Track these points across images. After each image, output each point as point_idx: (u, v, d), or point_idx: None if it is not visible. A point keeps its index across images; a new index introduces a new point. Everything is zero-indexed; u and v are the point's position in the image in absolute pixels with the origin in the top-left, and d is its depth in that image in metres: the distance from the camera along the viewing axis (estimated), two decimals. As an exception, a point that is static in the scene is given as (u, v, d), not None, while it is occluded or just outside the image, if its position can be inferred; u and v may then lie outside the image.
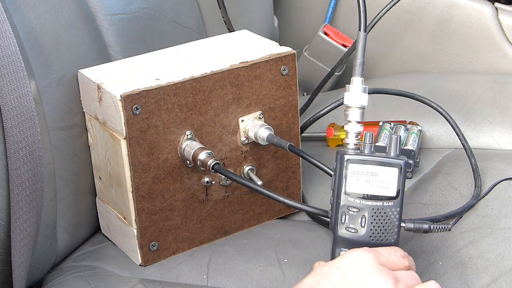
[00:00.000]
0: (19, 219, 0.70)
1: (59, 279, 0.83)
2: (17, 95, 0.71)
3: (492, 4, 1.25)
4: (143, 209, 0.82)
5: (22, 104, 0.71)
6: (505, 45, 1.23)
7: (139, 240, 0.83)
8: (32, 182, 0.71)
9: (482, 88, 1.13)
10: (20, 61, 0.72)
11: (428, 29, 1.27)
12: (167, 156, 0.82)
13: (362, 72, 0.74)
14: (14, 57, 0.71)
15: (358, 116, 0.73)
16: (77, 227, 0.90)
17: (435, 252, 0.82)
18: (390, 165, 0.70)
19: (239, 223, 0.91)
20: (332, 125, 1.10)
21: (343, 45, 1.27)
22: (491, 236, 0.82)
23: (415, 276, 0.68)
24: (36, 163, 0.71)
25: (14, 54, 0.71)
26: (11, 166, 0.68)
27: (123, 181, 0.81)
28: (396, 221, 0.71)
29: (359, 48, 0.74)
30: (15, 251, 0.70)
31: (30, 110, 0.72)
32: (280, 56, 0.85)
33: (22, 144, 0.68)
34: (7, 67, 0.70)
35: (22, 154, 0.69)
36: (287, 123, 0.89)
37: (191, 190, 0.85)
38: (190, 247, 0.88)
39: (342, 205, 0.71)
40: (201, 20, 1.10)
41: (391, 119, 1.07)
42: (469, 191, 0.91)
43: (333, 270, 0.66)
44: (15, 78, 0.71)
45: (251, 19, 1.20)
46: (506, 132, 1.05)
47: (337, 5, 1.35)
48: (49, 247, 0.84)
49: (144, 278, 0.83)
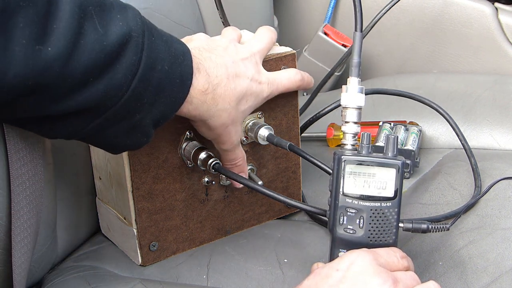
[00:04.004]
0: (20, 219, 0.70)
1: (59, 279, 0.83)
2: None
3: (492, 4, 1.25)
4: (143, 209, 0.82)
5: None
6: (505, 45, 1.23)
7: (139, 240, 0.83)
8: (32, 182, 0.71)
9: (482, 88, 1.13)
10: None
11: (428, 29, 1.27)
12: (167, 156, 0.82)
13: (358, 72, 0.74)
14: None
15: (355, 117, 0.73)
16: (77, 227, 0.91)
17: (435, 252, 0.82)
18: (388, 165, 0.70)
19: (239, 223, 0.91)
20: (332, 125, 1.10)
21: (343, 45, 1.27)
22: (491, 236, 0.82)
23: (414, 276, 0.68)
24: (36, 163, 0.71)
25: None
26: (11, 166, 0.68)
27: (123, 181, 0.81)
28: (394, 222, 0.71)
29: (355, 48, 0.74)
30: (15, 251, 0.70)
31: None
32: (280, 56, 0.86)
33: (22, 144, 0.68)
34: None
35: (23, 154, 0.69)
36: (287, 123, 0.90)
37: (191, 190, 0.85)
38: (190, 247, 0.88)
39: (340, 206, 0.71)
40: (201, 20, 1.10)
41: (391, 119, 1.07)
42: (469, 191, 0.91)
43: (332, 272, 0.66)
44: None
45: (251, 19, 1.20)
46: (506, 132, 1.05)
47: (337, 5, 1.35)
48: (49, 247, 0.84)
49: (144, 278, 0.83)
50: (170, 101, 0.68)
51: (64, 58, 0.57)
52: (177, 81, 0.68)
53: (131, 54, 0.62)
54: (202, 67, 0.72)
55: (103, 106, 0.62)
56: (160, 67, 0.65)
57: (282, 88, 0.83)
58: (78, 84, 0.59)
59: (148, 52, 0.63)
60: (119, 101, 0.63)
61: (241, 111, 0.78)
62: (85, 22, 0.58)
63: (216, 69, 0.73)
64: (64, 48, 0.57)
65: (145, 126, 0.68)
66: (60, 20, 0.57)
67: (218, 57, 0.75)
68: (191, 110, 0.72)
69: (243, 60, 0.78)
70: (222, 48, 0.77)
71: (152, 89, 0.65)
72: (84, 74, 0.59)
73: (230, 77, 0.75)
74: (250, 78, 0.78)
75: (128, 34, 0.61)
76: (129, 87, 0.62)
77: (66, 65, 0.57)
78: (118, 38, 0.60)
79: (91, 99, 0.61)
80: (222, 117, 0.75)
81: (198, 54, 0.73)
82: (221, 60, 0.75)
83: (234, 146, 0.80)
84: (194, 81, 0.70)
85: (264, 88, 0.80)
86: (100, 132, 0.65)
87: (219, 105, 0.74)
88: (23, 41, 0.55)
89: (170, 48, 0.67)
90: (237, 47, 0.79)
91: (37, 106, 0.59)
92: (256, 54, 0.81)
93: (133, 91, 0.63)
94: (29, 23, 0.55)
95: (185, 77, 0.69)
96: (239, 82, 0.76)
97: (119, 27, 0.61)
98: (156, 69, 0.65)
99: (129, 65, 0.62)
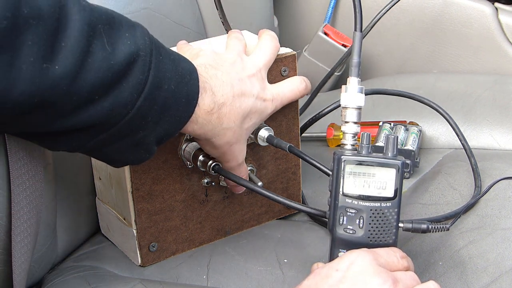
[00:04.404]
0: (20, 219, 0.70)
1: (59, 279, 0.83)
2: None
3: (492, 4, 1.25)
4: (143, 209, 0.82)
5: None
6: (505, 45, 1.23)
7: (139, 241, 0.83)
8: (33, 182, 0.71)
9: (482, 88, 1.13)
10: None
11: (428, 29, 1.27)
12: (167, 157, 0.82)
13: (358, 72, 0.74)
14: None
15: (355, 117, 0.73)
16: (77, 227, 0.91)
17: (435, 252, 0.82)
18: (388, 165, 0.70)
19: (239, 224, 0.91)
20: (332, 125, 1.10)
21: (343, 45, 1.27)
22: (491, 236, 0.82)
23: (414, 276, 0.68)
24: (36, 163, 0.71)
25: None
26: (11, 166, 0.68)
27: (123, 181, 0.81)
28: (394, 222, 0.71)
29: (355, 49, 0.74)
30: (15, 251, 0.70)
31: None
32: (280, 57, 0.85)
33: (22, 144, 0.69)
34: None
35: (23, 154, 0.69)
36: (287, 124, 0.89)
37: (191, 191, 0.85)
38: (190, 248, 0.88)
39: (339, 206, 0.71)
40: (201, 20, 1.10)
41: (391, 119, 1.07)
42: (469, 191, 0.91)
43: (332, 272, 0.66)
44: None
45: (251, 19, 1.20)
46: (506, 132, 1.05)
47: (337, 5, 1.35)
48: (49, 247, 0.85)
49: (144, 278, 0.83)
50: (174, 119, 0.68)
51: (71, 76, 0.57)
52: (182, 101, 0.68)
53: (138, 73, 0.62)
54: (208, 86, 0.72)
55: (107, 123, 0.62)
56: (167, 86, 0.65)
57: (286, 101, 0.84)
58: (84, 102, 0.59)
59: (155, 71, 0.63)
60: (123, 118, 0.62)
61: (245, 129, 0.78)
62: (93, 40, 0.58)
63: (222, 87, 0.73)
64: (72, 66, 0.57)
65: (149, 144, 0.68)
66: (69, 38, 0.56)
67: (224, 74, 0.75)
68: (196, 129, 0.72)
69: (249, 78, 0.78)
70: (229, 64, 0.77)
71: (157, 108, 0.65)
72: (90, 93, 0.59)
73: (235, 95, 0.75)
74: (256, 96, 0.78)
75: (136, 53, 0.61)
76: (134, 105, 0.62)
77: (72, 83, 0.57)
78: (125, 57, 0.60)
79: (96, 117, 0.61)
80: (226, 136, 0.75)
81: (204, 72, 0.72)
82: (227, 78, 0.74)
83: (239, 164, 0.80)
84: (200, 100, 0.70)
85: (269, 105, 0.80)
86: (103, 148, 0.65)
87: (224, 124, 0.74)
88: (30, 59, 0.54)
89: (177, 67, 0.67)
90: (244, 62, 0.79)
91: (42, 122, 0.59)
92: (262, 69, 0.80)
93: (139, 109, 0.63)
94: (37, 40, 0.54)
95: (191, 97, 0.69)
96: (244, 101, 0.76)
97: (127, 46, 0.61)
98: (163, 88, 0.65)
99: (135, 84, 0.62)
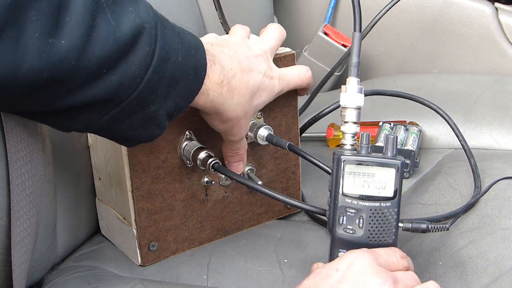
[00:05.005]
0: (19, 219, 0.70)
1: (59, 279, 0.83)
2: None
3: (492, 4, 1.25)
4: (143, 209, 0.82)
5: None
6: (505, 45, 1.23)
7: (139, 240, 0.83)
8: (32, 182, 0.71)
9: (482, 88, 1.13)
10: None
11: (428, 29, 1.27)
12: (167, 156, 0.82)
13: (357, 72, 0.74)
14: None
15: (355, 117, 0.73)
16: (77, 227, 0.91)
17: (435, 252, 0.82)
18: (387, 165, 0.70)
19: (239, 224, 0.91)
20: (332, 125, 1.10)
21: (343, 45, 1.27)
22: (491, 236, 0.82)
23: (414, 276, 0.68)
24: (36, 163, 0.71)
25: None
26: (11, 166, 0.68)
27: (123, 181, 0.81)
28: (394, 222, 0.71)
29: (354, 49, 0.74)
30: (15, 251, 0.70)
31: None
32: (279, 57, 0.85)
33: (22, 144, 0.68)
34: None
35: (22, 154, 0.69)
36: (286, 123, 0.90)
37: (190, 190, 0.85)
38: (190, 247, 0.88)
39: (339, 206, 0.71)
40: (201, 20, 1.10)
41: (391, 119, 1.07)
42: (469, 192, 0.91)
43: (332, 272, 0.66)
44: None
45: (251, 19, 1.19)
46: (506, 132, 1.05)
47: (337, 5, 1.35)
48: (49, 247, 0.85)
49: (144, 278, 0.83)
50: (184, 92, 0.68)
51: (78, 50, 0.57)
52: (191, 72, 0.68)
53: (145, 45, 0.62)
54: (217, 60, 0.72)
55: (117, 97, 0.62)
56: (174, 59, 0.65)
57: (293, 84, 0.84)
58: (92, 76, 0.59)
59: (161, 43, 0.64)
60: (133, 92, 0.63)
61: (254, 105, 0.78)
62: (97, 15, 0.58)
63: (230, 61, 0.74)
64: (78, 40, 0.57)
65: (160, 118, 0.68)
66: (73, 12, 0.57)
67: (231, 51, 0.76)
68: (207, 102, 0.72)
69: (255, 57, 0.79)
70: (234, 43, 0.78)
71: (166, 81, 0.65)
72: (98, 66, 0.59)
73: (244, 70, 0.75)
74: (263, 73, 0.79)
75: (141, 25, 0.61)
76: (143, 78, 0.63)
77: (80, 57, 0.57)
78: (131, 30, 0.61)
79: (105, 91, 0.61)
80: (237, 111, 0.76)
81: (211, 48, 0.73)
82: (234, 54, 0.75)
83: (241, 138, 0.82)
84: (209, 72, 0.71)
85: (276, 84, 0.81)
86: (115, 124, 0.65)
87: (235, 98, 0.74)
88: (36, 35, 0.55)
89: (183, 40, 0.67)
90: (249, 44, 0.80)
91: (52, 99, 0.59)
92: (267, 51, 0.81)
93: (148, 82, 0.63)
94: (41, 16, 0.55)
95: (199, 69, 0.69)
96: (252, 76, 0.77)
97: (132, 19, 0.61)
98: (170, 61, 0.65)
99: (142, 56, 0.62)
